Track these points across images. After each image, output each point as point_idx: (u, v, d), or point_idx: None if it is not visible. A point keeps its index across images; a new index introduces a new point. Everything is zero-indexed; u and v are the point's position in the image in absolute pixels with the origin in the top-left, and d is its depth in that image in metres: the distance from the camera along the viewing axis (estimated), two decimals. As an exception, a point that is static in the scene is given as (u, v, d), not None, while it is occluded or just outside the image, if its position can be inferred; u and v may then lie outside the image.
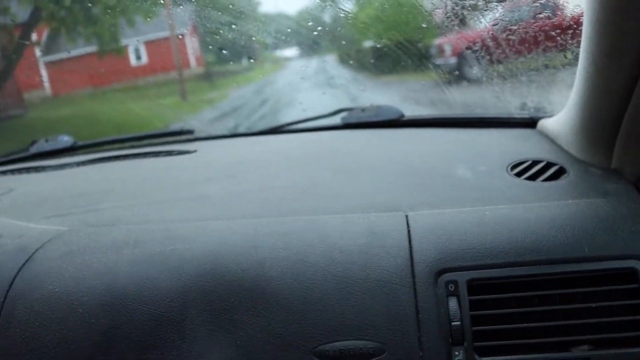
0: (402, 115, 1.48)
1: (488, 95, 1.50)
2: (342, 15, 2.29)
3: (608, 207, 0.88)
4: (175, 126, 1.67)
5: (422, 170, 1.11)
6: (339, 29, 2.32)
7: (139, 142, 1.65)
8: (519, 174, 1.05)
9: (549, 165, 1.06)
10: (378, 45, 2.16)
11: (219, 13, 2.14)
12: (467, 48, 1.46)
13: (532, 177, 1.03)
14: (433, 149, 1.28)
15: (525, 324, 0.79)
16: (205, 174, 1.25)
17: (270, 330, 0.79)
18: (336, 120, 1.53)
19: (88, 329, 0.81)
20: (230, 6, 2.08)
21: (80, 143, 1.65)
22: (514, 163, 1.09)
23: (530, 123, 1.32)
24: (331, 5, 2.29)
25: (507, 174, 1.05)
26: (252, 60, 2.32)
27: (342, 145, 1.39)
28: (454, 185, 1.02)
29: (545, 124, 1.26)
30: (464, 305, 0.79)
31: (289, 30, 2.09)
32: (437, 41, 1.85)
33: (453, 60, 1.77)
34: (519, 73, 1.41)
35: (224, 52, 2.36)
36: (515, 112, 1.41)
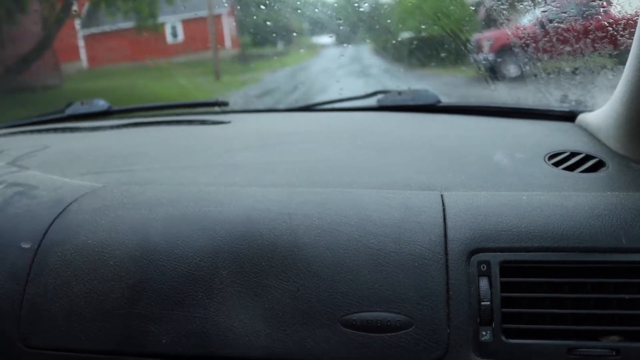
0: (439, 101, 1.47)
1: (528, 89, 1.47)
2: (381, 3, 2.26)
3: None
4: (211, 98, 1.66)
5: (458, 153, 1.11)
6: (377, 18, 2.29)
7: (174, 110, 1.66)
8: (556, 164, 1.04)
9: (587, 157, 1.05)
10: (416, 37, 2.13)
11: (257, -5, 2.15)
12: (510, 43, 1.43)
13: (570, 168, 1.02)
14: (469, 134, 1.27)
15: (555, 310, 0.78)
16: (239, 143, 1.25)
17: (299, 296, 0.80)
18: (372, 102, 1.53)
19: (118, 281, 0.82)
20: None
21: (116, 108, 1.67)
22: (552, 153, 1.08)
23: (569, 117, 1.31)
24: (371, -6, 2.24)
25: (545, 163, 1.04)
26: (287, 45, 2.32)
27: (378, 125, 1.38)
28: (490, 170, 1.02)
29: (585, 118, 1.24)
30: (494, 286, 0.79)
31: (327, 16, 2.06)
32: (478, 36, 1.81)
33: (492, 57, 1.74)
34: (561, 68, 1.39)
35: (260, 34, 2.37)
36: (555, 105, 1.39)
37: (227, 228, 0.85)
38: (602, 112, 1.14)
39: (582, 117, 1.27)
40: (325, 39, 2.00)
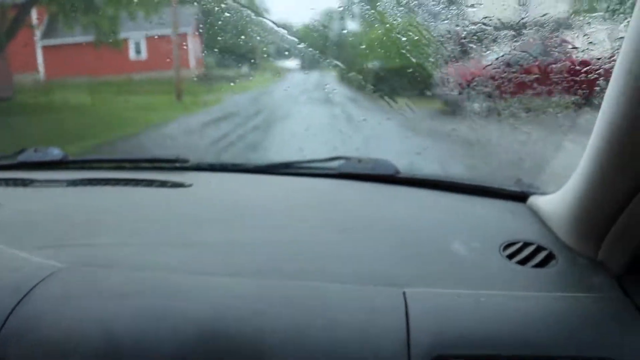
0: (398, 172, 1.50)
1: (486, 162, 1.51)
2: (348, 32, 2.25)
3: (592, 305, 0.91)
4: (170, 154, 1.62)
5: (418, 239, 1.13)
6: (342, 46, 2.29)
7: (132, 165, 1.62)
8: (510, 256, 1.07)
9: (539, 249, 1.08)
10: (382, 67, 2.12)
11: (225, 16, 2.10)
12: (469, 83, 1.46)
13: (522, 261, 1.05)
14: (427, 215, 1.30)
15: None
16: (203, 214, 1.23)
17: None
18: (332, 165, 1.55)
19: None
20: (237, 11, 2.05)
21: (71, 158, 1.61)
22: (506, 243, 1.11)
23: (521, 197, 1.35)
24: (338, 23, 2.25)
25: (500, 254, 1.07)
26: (252, 68, 2.28)
27: (339, 196, 1.40)
28: (449, 262, 1.04)
29: (537, 201, 1.28)
30: None
31: (292, 41, 2.03)
32: (441, 72, 1.82)
33: (454, 93, 1.75)
34: (518, 146, 1.44)
35: (225, 56, 2.33)
36: (508, 184, 1.44)
37: (194, 327, 0.82)
38: (554, 198, 1.17)
39: (533, 200, 1.30)
40: (290, 64, 2.00)
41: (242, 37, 2.10)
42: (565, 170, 1.09)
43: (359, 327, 0.83)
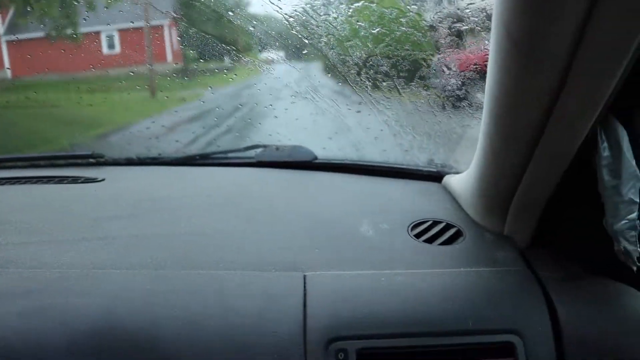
0: (315, 158, 1.51)
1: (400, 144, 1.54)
2: (336, 21, 2.14)
3: (495, 279, 0.93)
4: (85, 150, 1.61)
5: (327, 224, 1.13)
6: (329, 36, 2.18)
7: (47, 162, 1.60)
8: (418, 235, 1.08)
9: (448, 226, 1.10)
10: (370, 58, 2.03)
11: (204, 7, 1.98)
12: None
13: (430, 240, 1.07)
14: (340, 198, 1.30)
15: None
16: (110, 210, 1.22)
17: None
18: (250, 154, 1.56)
19: None
20: (217, 1, 1.94)
21: None
22: (415, 222, 1.13)
23: (436, 177, 1.37)
24: (322, 14, 2.15)
25: (408, 234, 1.09)
26: (234, 60, 2.18)
27: (254, 186, 1.40)
28: (355, 245, 1.04)
29: (450, 180, 1.30)
30: None
31: (277, 32, 1.89)
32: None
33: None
34: (430, 126, 1.46)
35: (204, 48, 2.17)
36: (423, 165, 1.46)
37: (87, 322, 0.82)
38: (463, 177, 1.19)
39: (447, 179, 1.32)
40: (274, 55, 1.89)
41: (223, 27, 1.99)
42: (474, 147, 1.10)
43: (257, 313, 0.84)
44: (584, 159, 0.85)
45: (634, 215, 0.84)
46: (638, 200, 0.83)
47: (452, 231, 1.09)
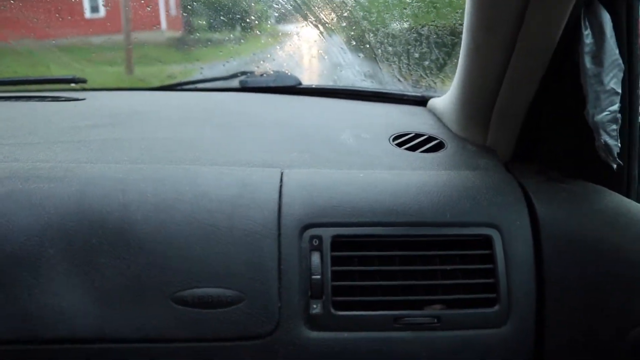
0: (299, 83, 1.50)
1: (386, 71, 1.53)
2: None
3: (475, 179, 0.93)
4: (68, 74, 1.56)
5: (307, 133, 1.12)
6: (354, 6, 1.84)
7: (29, 87, 1.55)
8: (400, 144, 1.08)
9: (430, 139, 1.11)
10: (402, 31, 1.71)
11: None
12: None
13: (412, 148, 1.07)
14: (322, 115, 1.30)
15: (384, 282, 0.82)
16: (89, 120, 1.19)
17: (130, 273, 0.79)
18: (235, 83, 1.54)
19: None
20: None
21: None
22: (397, 134, 1.12)
23: (421, 101, 1.37)
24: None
25: (389, 143, 1.09)
26: (245, 31, 1.79)
27: (236, 106, 1.38)
28: (335, 149, 1.04)
29: (434, 102, 1.31)
30: (325, 261, 0.82)
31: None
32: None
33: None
34: (414, 51, 1.46)
35: (209, 14, 1.91)
36: (408, 90, 1.47)
37: (56, 204, 0.81)
38: (446, 97, 1.20)
39: (431, 102, 1.33)
40: (289, 27, 1.75)
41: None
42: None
43: (229, 200, 0.84)
44: (563, 59, 0.85)
45: (616, 107, 0.83)
46: (619, 91, 0.83)
47: (434, 142, 1.09)
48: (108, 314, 0.78)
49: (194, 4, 1.92)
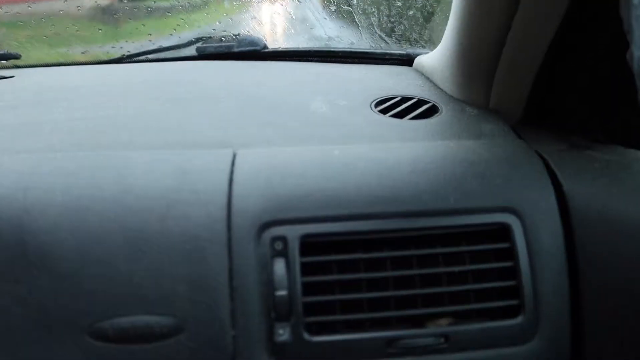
0: (265, 47, 1.34)
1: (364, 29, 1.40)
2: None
3: (481, 150, 0.78)
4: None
5: (272, 103, 0.96)
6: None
7: None
8: (384, 111, 0.93)
9: (420, 102, 0.96)
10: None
11: None
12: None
13: (399, 115, 0.91)
14: (292, 81, 1.14)
15: (372, 294, 0.66)
16: (11, 101, 1.03)
17: (32, 302, 0.63)
18: (191, 51, 1.38)
19: None
20: None
21: None
22: (381, 99, 0.97)
23: (407, 60, 1.23)
24: None
25: (371, 110, 0.93)
26: None
27: (190, 76, 1.21)
28: (305, 121, 0.88)
29: (422, 60, 1.17)
30: (293, 269, 0.65)
31: None
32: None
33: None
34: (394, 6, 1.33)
35: None
36: (391, 48, 1.34)
37: None
38: (436, 52, 1.07)
39: (418, 60, 1.20)
40: None
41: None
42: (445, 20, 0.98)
43: (163, 194, 0.67)
44: None
45: None
46: None
47: (425, 106, 0.94)
48: (7, 355, 0.64)
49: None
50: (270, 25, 1.66)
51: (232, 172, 0.70)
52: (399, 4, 1.30)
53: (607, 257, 0.68)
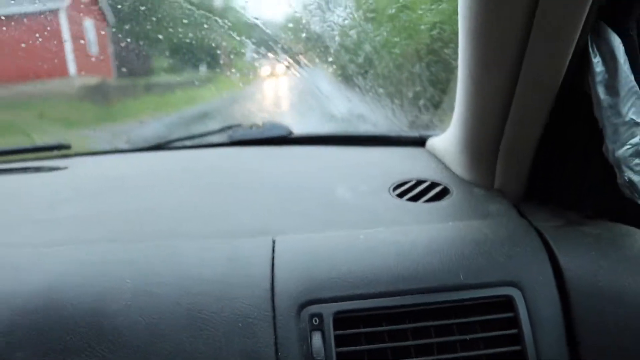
0: (291, 133, 1.44)
1: (380, 112, 1.50)
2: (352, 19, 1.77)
3: (487, 230, 0.86)
4: (52, 140, 1.46)
5: (301, 190, 1.06)
6: (342, 35, 1.83)
7: (14, 155, 1.45)
8: (401, 195, 1.02)
9: (432, 185, 1.05)
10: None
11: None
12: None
13: (415, 198, 1.01)
14: (316, 167, 1.24)
15: None
16: (69, 193, 1.13)
17: None
18: (223, 137, 1.48)
19: None
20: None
21: None
22: (398, 183, 1.07)
23: (419, 142, 1.33)
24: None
25: (389, 194, 1.03)
26: (214, 69, 1.71)
27: (225, 163, 1.32)
28: (332, 207, 0.98)
29: (433, 142, 1.26)
30: (328, 341, 0.73)
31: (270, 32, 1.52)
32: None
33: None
34: (407, 90, 1.42)
35: (152, 49, 1.69)
36: (405, 131, 1.42)
37: (24, 299, 0.74)
38: (446, 136, 1.14)
39: (430, 142, 1.28)
40: (265, 65, 1.70)
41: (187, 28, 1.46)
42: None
43: (217, 279, 0.77)
44: (573, 90, 0.79)
45: (637, 139, 0.75)
46: None
47: (437, 189, 1.03)
48: None
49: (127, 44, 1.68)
50: (295, 111, 1.80)
51: (273, 258, 0.80)
52: (411, 95, 1.41)
53: (600, 323, 0.75)
